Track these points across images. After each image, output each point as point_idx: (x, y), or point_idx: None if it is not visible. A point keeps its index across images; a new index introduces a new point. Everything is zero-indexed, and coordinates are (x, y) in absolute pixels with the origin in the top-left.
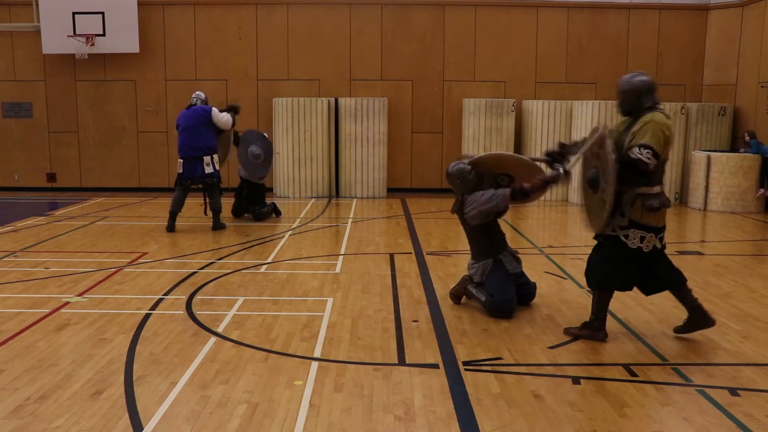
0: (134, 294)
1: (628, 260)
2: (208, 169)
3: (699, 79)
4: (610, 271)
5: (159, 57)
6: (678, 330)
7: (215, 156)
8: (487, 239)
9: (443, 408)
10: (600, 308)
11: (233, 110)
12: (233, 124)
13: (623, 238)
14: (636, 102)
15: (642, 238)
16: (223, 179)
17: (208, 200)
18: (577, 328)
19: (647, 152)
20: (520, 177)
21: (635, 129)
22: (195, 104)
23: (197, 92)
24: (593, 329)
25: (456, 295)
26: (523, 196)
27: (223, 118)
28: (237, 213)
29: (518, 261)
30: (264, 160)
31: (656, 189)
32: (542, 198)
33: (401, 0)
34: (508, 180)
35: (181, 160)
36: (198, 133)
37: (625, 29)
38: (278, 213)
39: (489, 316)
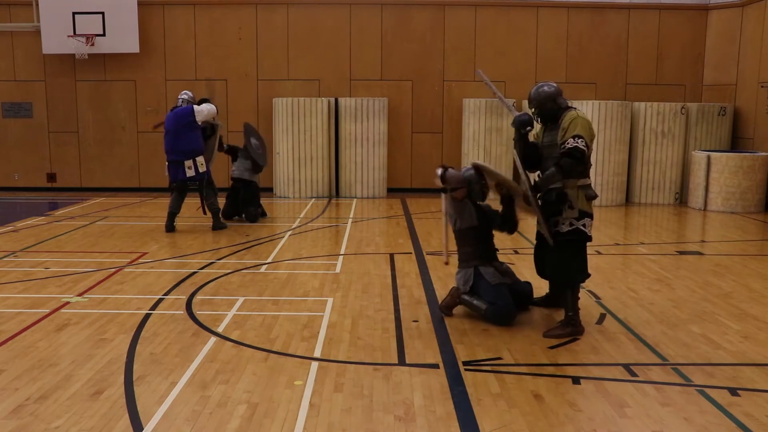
0: (134, 294)
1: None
2: (189, 173)
3: (699, 79)
4: (581, 263)
5: (159, 57)
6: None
7: (199, 158)
8: (472, 246)
9: (443, 408)
10: (575, 301)
11: (208, 98)
12: (217, 112)
13: (582, 228)
14: (553, 106)
15: (590, 225)
16: (215, 179)
17: (204, 200)
18: (559, 329)
19: (581, 141)
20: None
21: (565, 126)
22: (180, 105)
23: (184, 91)
24: (576, 324)
25: (448, 307)
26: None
27: (204, 110)
28: (228, 215)
29: (504, 274)
30: (263, 149)
31: (589, 181)
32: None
33: (401, 0)
34: (505, 189)
35: (167, 163)
36: (179, 136)
37: (625, 29)
38: (264, 214)
39: (491, 324)
